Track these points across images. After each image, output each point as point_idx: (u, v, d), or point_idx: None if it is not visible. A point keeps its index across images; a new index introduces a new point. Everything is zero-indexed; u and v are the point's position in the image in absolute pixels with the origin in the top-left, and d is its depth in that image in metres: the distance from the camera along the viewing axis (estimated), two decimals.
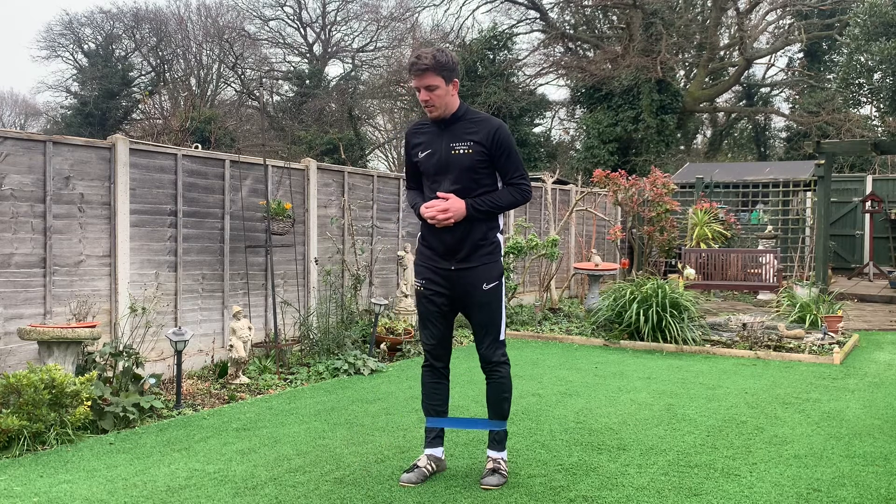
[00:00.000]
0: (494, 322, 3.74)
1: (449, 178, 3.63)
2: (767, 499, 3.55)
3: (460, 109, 3.68)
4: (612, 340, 8.05)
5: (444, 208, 3.59)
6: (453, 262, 3.69)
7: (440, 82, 3.57)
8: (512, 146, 3.66)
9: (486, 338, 3.75)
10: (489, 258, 3.70)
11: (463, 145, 3.61)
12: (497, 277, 3.72)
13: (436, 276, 3.73)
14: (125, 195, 5.88)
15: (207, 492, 3.63)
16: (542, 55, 25.80)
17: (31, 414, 4.26)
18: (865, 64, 13.91)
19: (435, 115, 3.65)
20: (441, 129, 3.69)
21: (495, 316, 3.74)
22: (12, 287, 5.19)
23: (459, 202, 3.59)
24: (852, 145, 13.53)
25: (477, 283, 3.68)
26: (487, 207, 3.63)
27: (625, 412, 5.17)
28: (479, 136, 3.61)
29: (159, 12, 33.69)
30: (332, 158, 23.76)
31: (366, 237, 8.37)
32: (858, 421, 4.98)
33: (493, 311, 3.73)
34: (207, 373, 6.37)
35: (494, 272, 3.71)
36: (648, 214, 11.93)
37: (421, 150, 3.73)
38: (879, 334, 9.00)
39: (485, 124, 3.64)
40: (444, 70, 3.56)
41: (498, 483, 3.68)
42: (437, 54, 3.57)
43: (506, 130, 3.66)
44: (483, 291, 3.69)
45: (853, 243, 16.30)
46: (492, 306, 3.72)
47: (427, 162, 3.70)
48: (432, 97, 3.58)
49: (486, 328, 3.74)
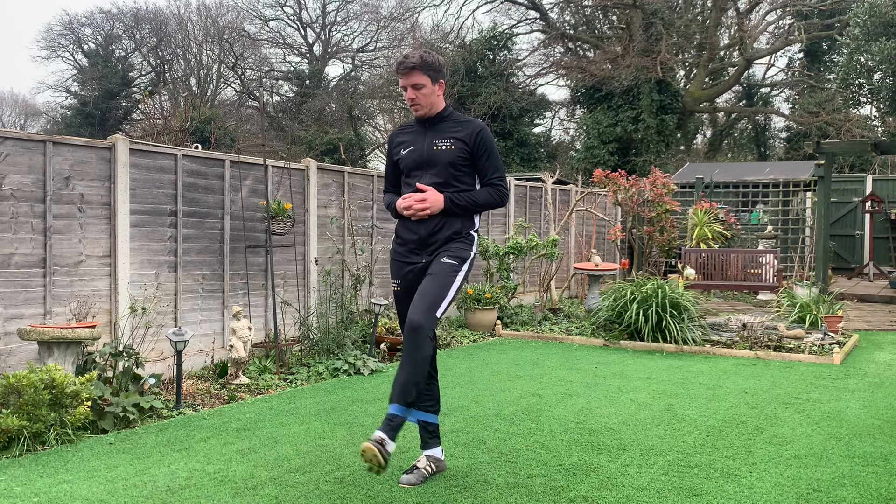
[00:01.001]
0: (437, 293, 3.47)
1: (430, 172, 3.66)
2: (767, 499, 3.55)
3: (445, 110, 3.75)
4: (612, 340, 8.05)
5: (423, 198, 3.59)
6: (424, 256, 3.65)
7: (426, 81, 3.63)
8: (493, 147, 3.71)
9: (421, 303, 3.45)
10: (460, 244, 3.63)
11: (446, 142, 3.66)
12: (459, 259, 3.59)
13: (409, 275, 3.70)
14: (125, 195, 5.88)
15: (207, 492, 3.63)
16: (542, 55, 25.82)
17: (31, 414, 4.26)
18: (865, 64, 13.90)
19: (420, 114, 3.71)
20: (425, 127, 3.74)
21: (440, 289, 3.48)
22: (12, 287, 5.19)
23: (438, 195, 3.60)
24: (852, 145, 13.53)
25: (438, 256, 3.60)
26: (465, 202, 3.64)
27: (625, 412, 5.17)
28: (463, 134, 3.67)
29: (159, 12, 33.75)
30: (332, 158, 23.76)
31: (366, 237, 8.37)
32: (858, 421, 4.98)
33: (441, 283, 3.49)
34: (207, 373, 6.37)
35: (460, 253, 3.61)
36: (648, 214, 11.93)
37: (404, 148, 3.76)
38: (879, 334, 9.00)
39: (469, 125, 3.71)
40: (430, 69, 3.63)
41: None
42: (423, 54, 3.64)
43: (488, 132, 3.72)
44: (440, 262, 3.56)
45: (853, 243, 16.30)
46: (441, 279, 3.51)
47: (408, 157, 3.72)
48: (418, 96, 3.64)
49: (425, 295, 3.46)
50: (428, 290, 3.49)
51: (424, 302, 3.45)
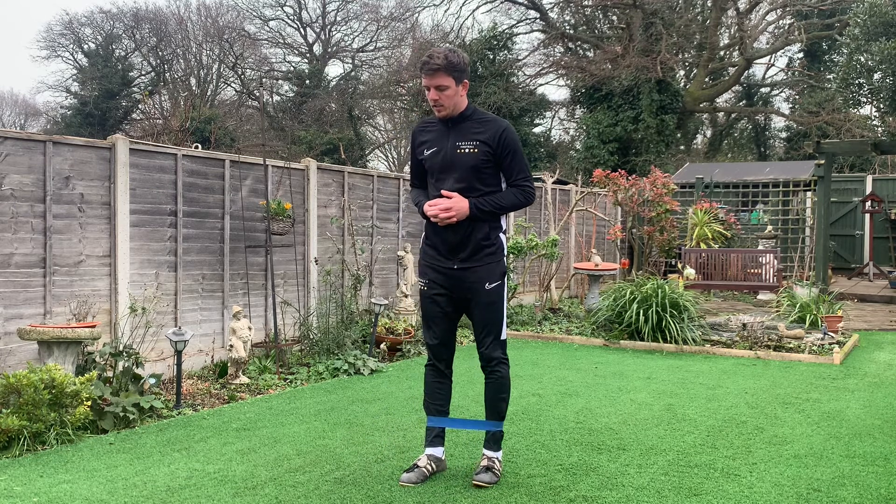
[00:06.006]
0: (496, 321, 3.73)
1: (453, 176, 3.63)
2: (767, 499, 3.55)
3: (468, 109, 3.69)
4: (612, 340, 8.04)
5: (447, 206, 3.59)
6: (456, 262, 3.69)
7: (451, 83, 3.57)
8: (518, 148, 3.67)
9: (488, 337, 3.74)
10: (492, 258, 3.70)
11: (469, 144, 3.62)
12: (499, 277, 3.72)
13: (439, 276, 3.74)
14: (125, 195, 5.88)
15: (207, 492, 3.63)
16: (542, 55, 25.81)
17: (31, 414, 4.26)
18: (865, 64, 13.90)
19: (443, 115, 3.66)
20: (448, 127, 3.69)
21: (497, 315, 3.73)
22: (12, 287, 5.19)
23: (463, 201, 3.59)
24: (852, 145, 13.54)
25: (479, 282, 3.68)
26: (490, 207, 3.63)
27: (625, 412, 5.17)
28: (486, 135, 3.62)
29: (159, 12, 33.74)
30: (332, 158, 23.75)
31: (366, 237, 8.37)
32: (858, 421, 4.98)
33: (495, 310, 3.72)
34: (207, 373, 6.37)
35: (497, 271, 3.71)
36: (648, 214, 11.93)
37: (427, 148, 3.73)
38: (879, 334, 9.00)
39: (492, 125, 3.66)
40: (455, 71, 3.57)
41: (490, 481, 3.68)
42: (449, 55, 3.56)
43: (513, 132, 3.67)
44: (486, 291, 3.69)
45: (853, 243, 16.30)
46: (494, 306, 3.72)
47: (432, 159, 3.70)
48: (441, 97, 3.59)
49: (488, 327, 3.73)
50: (486, 322, 3.73)
51: (490, 335, 3.73)
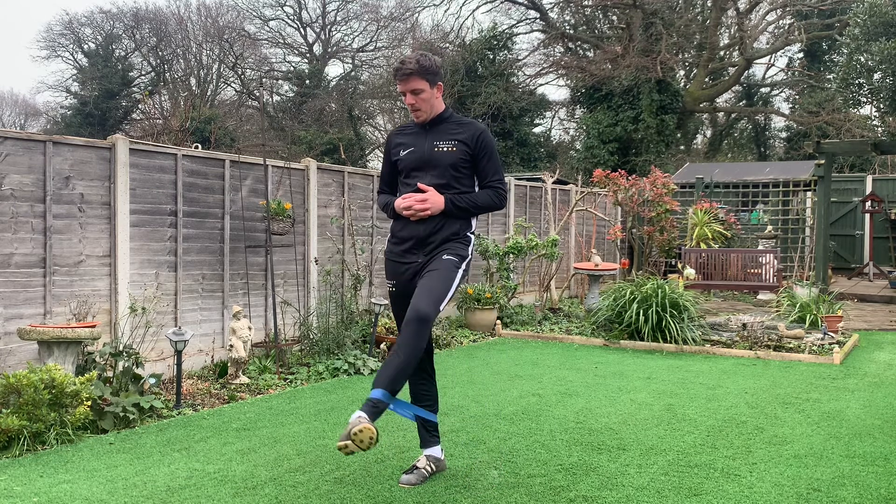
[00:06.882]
0: (440, 288, 3.47)
1: (430, 173, 3.66)
2: (767, 499, 3.55)
3: (445, 112, 3.75)
4: (612, 340, 8.05)
5: (423, 198, 3.59)
6: (421, 255, 3.65)
7: (425, 86, 3.63)
8: (494, 150, 3.72)
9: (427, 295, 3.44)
10: (458, 243, 3.65)
11: (447, 144, 3.66)
12: (459, 256, 3.62)
13: (406, 274, 3.69)
14: (125, 195, 5.88)
15: (207, 492, 3.63)
16: (542, 55, 25.82)
17: (31, 414, 4.26)
18: (865, 64, 13.91)
19: (421, 119, 3.71)
20: (426, 130, 3.74)
21: (444, 285, 3.49)
22: (12, 287, 5.19)
23: (439, 196, 3.61)
24: (852, 145, 13.53)
25: (437, 254, 3.61)
26: (465, 204, 3.65)
27: (625, 412, 5.17)
28: (464, 136, 3.67)
29: (159, 12, 33.73)
30: (332, 158, 23.75)
31: (366, 237, 8.37)
32: (858, 421, 4.98)
33: (443, 276, 3.51)
34: (207, 373, 6.37)
35: (458, 252, 3.62)
36: (648, 214, 11.93)
37: (403, 149, 3.76)
38: (879, 334, 9.00)
39: (470, 126, 3.72)
40: (427, 74, 3.63)
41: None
42: (420, 59, 3.63)
43: (489, 135, 3.73)
44: (440, 259, 3.58)
45: (853, 243, 16.30)
46: (443, 273, 3.52)
47: (408, 158, 3.72)
48: (418, 100, 3.64)
49: (430, 289, 3.46)
50: (432, 285, 3.48)
51: (431, 295, 3.43)
